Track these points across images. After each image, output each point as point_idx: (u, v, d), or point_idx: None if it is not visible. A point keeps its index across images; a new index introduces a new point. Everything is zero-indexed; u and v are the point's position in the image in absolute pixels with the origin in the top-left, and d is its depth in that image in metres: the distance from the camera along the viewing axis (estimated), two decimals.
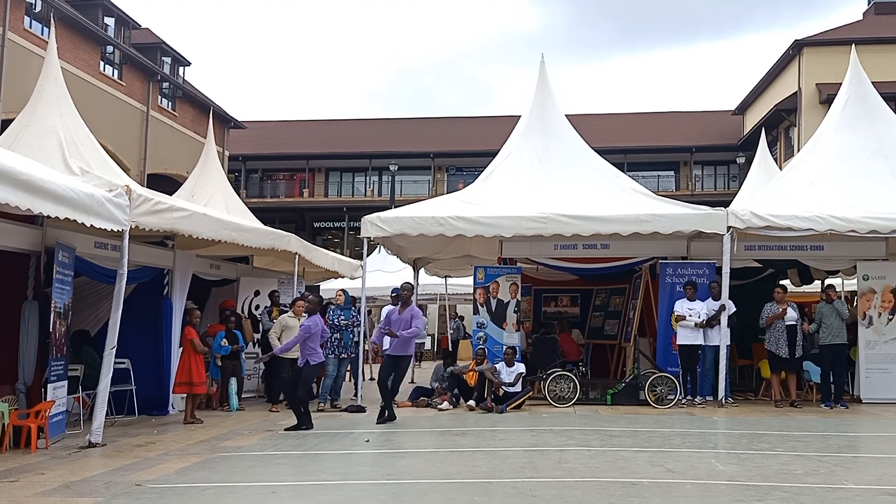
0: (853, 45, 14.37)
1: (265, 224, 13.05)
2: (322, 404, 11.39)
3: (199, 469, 6.95)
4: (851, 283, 14.21)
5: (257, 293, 12.84)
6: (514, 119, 14.50)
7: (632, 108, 58.99)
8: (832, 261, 12.93)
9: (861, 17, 38.13)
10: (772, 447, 7.97)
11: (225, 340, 11.03)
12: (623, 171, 14.11)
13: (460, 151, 41.67)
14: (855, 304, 12.38)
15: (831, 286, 12.25)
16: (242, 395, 11.72)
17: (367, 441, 8.54)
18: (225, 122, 36.32)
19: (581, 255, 12.69)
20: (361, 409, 11.12)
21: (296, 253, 12.40)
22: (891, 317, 11.87)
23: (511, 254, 13.01)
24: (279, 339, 11.24)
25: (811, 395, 12.16)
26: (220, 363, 11.15)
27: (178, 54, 33.67)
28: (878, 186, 11.70)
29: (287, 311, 11.54)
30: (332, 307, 11.81)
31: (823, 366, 11.58)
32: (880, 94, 13.23)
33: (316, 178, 44.32)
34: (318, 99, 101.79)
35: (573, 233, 11.44)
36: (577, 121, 15.19)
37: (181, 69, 34.55)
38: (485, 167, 13.63)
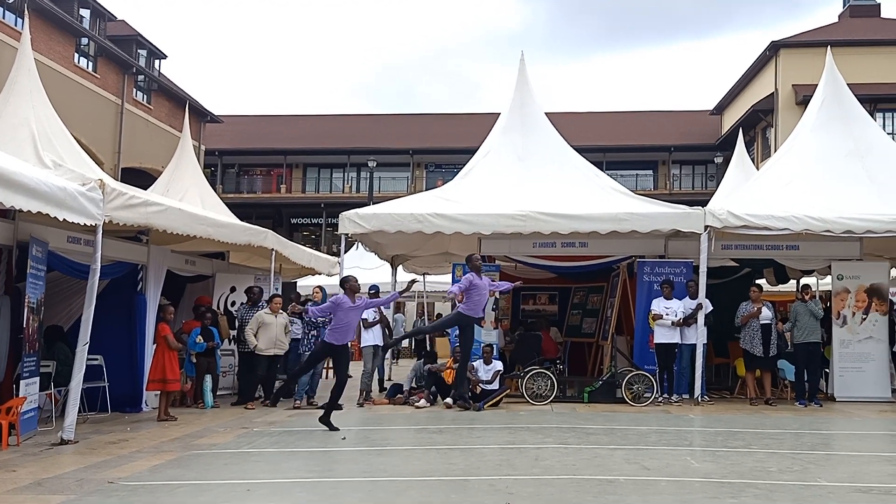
0: (829, 47, 14.53)
1: (242, 220, 12.91)
2: (298, 401, 11.30)
3: (173, 467, 6.86)
4: (826, 283, 14.37)
5: (233, 289, 12.73)
6: (495, 116, 14.48)
7: (612, 107, 59.45)
8: (807, 260, 13.07)
9: (837, 20, 38.63)
10: (747, 445, 8.03)
11: (200, 337, 10.91)
12: (602, 170, 14.17)
13: (440, 148, 41.63)
14: (828, 304, 12.52)
15: (807, 286, 12.39)
16: (217, 393, 11.60)
17: (344, 438, 8.49)
18: (201, 116, 35.96)
19: (559, 254, 12.71)
20: (338, 407, 11.03)
21: (272, 249, 12.30)
22: (864, 316, 12.03)
23: (490, 251, 12.98)
24: (255, 336, 11.18)
25: (786, 394, 12.29)
26: (194, 360, 11.03)
27: (154, 47, 33.29)
28: (853, 187, 11.84)
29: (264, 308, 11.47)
30: (309, 304, 11.73)
31: (798, 364, 11.70)
32: (855, 95, 13.39)
33: (293, 174, 44.08)
34: (298, 94, 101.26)
35: (552, 231, 11.46)
36: (556, 119, 15.21)
37: (157, 62, 34.16)
38: (464, 164, 13.61)
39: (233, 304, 12.57)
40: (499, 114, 14.17)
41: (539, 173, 12.64)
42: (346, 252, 12.62)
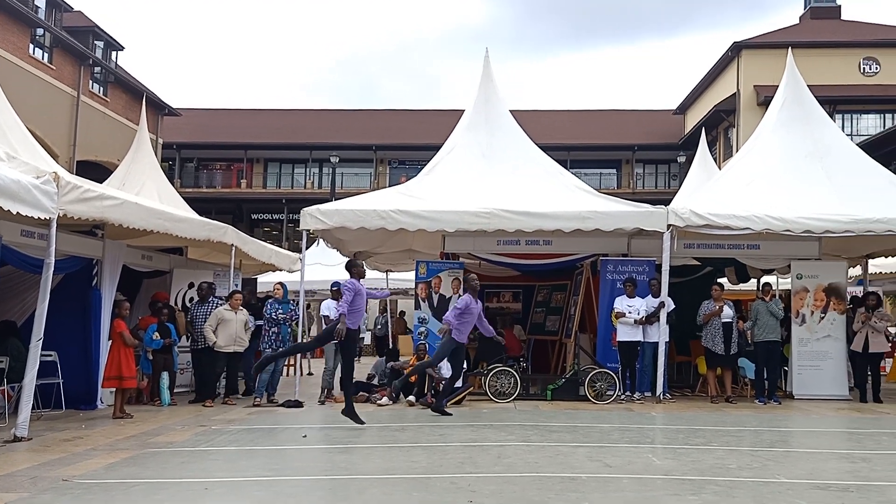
0: (790, 49, 14.76)
1: (201, 215, 12.66)
2: (258, 399, 11.13)
3: (129, 465, 6.70)
4: (786, 282, 14.59)
5: (191, 285, 12.48)
6: (459, 113, 14.41)
7: (576, 106, 59.85)
8: (768, 259, 13.25)
9: (798, 21, 39.38)
10: (707, 442, 8.08)
11: (157, 334, 10.69)
12: (566, 168, 14.19)
13: (403, 144, 41.49)
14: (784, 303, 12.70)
15: (767, 285, 12.55)
16: (175, 390, 11.37)
17: (305, 436, 8.37)
18: (159, 108, 35.32)
19: (524, 251, 12.71)
20: (299, 405, 10.91)
21: (232, 245, 12.07)
22: (822, 315, 12.23)
23: (454, 249, 12.94)
24: (215, 333, 10.97)
25: (746, 391, 12.44)
26: (151, 357, 10.80)
27: (111, 38, 32.60)
28: (812, 187, 12.01)
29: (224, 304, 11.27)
30: (270, 301, 11.56)
31: (757, 362, 11.85)
32: (815, 97, 13.56)
33: (254, 169, 43.53)
34: (258, 88, 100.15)
35: (516, 228, 11.43)
36: (521, 116, 15.21)
37: (114, 54, 33.46)
38: (428, 161, 13.51)
39: (191, 300, 12.32)
40: (463, 110, 14.10)
41: (503, 171, 12.61)
42: (307, 248, 12.43)
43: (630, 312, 11.65)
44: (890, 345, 14.24)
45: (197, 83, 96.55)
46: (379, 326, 21.16)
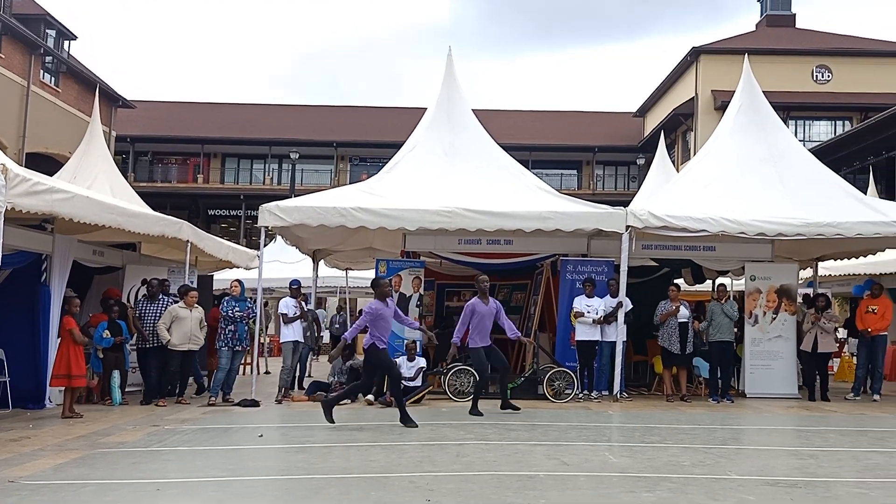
0: (746, 55, 15.02)
1: (155, 210, 12.39)
2: (213, 398, 10.95)
3: (78, 465, 6.53)
4: (740, 283, 14.86)
5: (145, 282, 12.21)
6: (422, 111, 14.37)
7: (539, 106, 60.27)
8: (723, 261, 13.47)
9: (754, 28, 40.20)
10: (662, 440, 8.19)
11: (107, 332, 10.42)
12: (528, 169, 14.24)
13: (365, 142, 41.29)
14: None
15: (722, 286, 12.76)
16: (126, 389, 11.12)
17: (261, 436, 8.25)
18: (112, 100, 34.58)
19: (485, 251, 12.72)
20: (255, 404, 10.76)
21: (187, 241, 11.83)
22: (774, 316, 12.49)
23: (414, 247, 12.90)
24: (168, 331, 10.76)
25: (700, 390, 12.63)
26: (101, 355, 10.54)
27: (64, 27, 31.80)
28: (766, 191, 12.23)
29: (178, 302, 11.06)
30: (227, 298, 11.37)
31: (711, 362, 12.05)
32: (770, 102, 13.81)
33: (211, 164, 42.90)
34: (216, 80, 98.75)
35: (477, 228, 11.42)
36: (483, 116, 15.21)
37: (66, 43, 32.65)
38: (390, 158, 13.43)
39: (144, 296, 12.04)
40: (426, 108, 14.06)
41: (465, 170, 12.59)
42: (265, 245, 12.26)
43: (589, 312, 11.74)
44: (837, 345, 14.64)
45: (153, 75, 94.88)
46: (337, 325, 20.93)
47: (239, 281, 11.64)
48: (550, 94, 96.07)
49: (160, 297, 11.26)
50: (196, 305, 11.07)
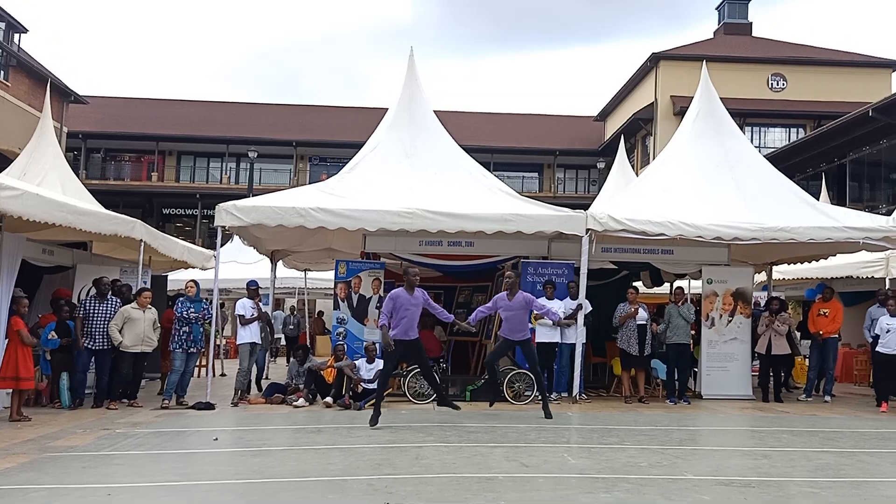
0: (704, 62, 15.23)
1: (108, 208, 12.07)
2: (167, 401, 10.72)
3: (26, 470, 6.33)
4: (697, 286, 15.06)
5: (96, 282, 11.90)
6: (383, 111, 14.27)
7: (501, 109, 60.50)
8: (681, 264, 13.64)
9: (713, 36, 40.93)
10: (620, 441, 8.24)
11: (53, 333, 10.11)
12: (489, 171, 14.24)
13: (325, 141, 40.98)
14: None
15: (680, 289, 12.91)
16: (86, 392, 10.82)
17: (216, 439, 8.09)
18: (64, 95, 33.72)
19: (446, 252, 12.68)
20: (210, 406, 10.56)
21: (141, 240, 11.53)
22: (730, 318, 12.69)
23: (374, 248, 12.80)
24: (120, 332, 10.50)
25: (658, 392, 12.76)
26: (49, 357, 10.23)
27: (14, 20, 30.93)
28: (723, 196, 12.40)
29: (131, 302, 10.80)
30: (181, 299, 11.14)
31: (669, 364, 12.19)
32: (727, 109, 14.03)
33: (167, 162, 42.12)
34: (172, 77, 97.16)
35: (438, 229, 11.38)
36: (445, 117, 15.18)
37: (16, 36, 31.77)
38: (350, 159, 13.31)
39: (93, 297, 11.69)
40: (387, 109, 13.97)
41: (426, 171, 12.54)
42: (222, 245, 12.03)
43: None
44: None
45: (107, 70, 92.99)
46: (290, 327, 20.60)
47: (195, 281, 11.42)
48: (512, 96, 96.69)
49: (109, 297, 10.87)
50: (149, 306, 10.82)
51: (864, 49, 64.21)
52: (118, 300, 10.96)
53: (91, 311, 10.60)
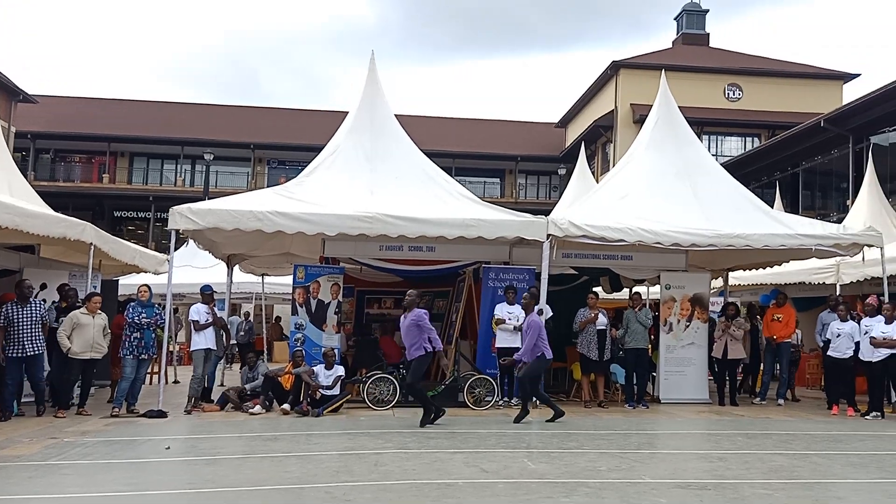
0: (663, 71, 15.43)
1: (57, 210, 11.71)
2: (117, 409, 10.42)
3: None
4: (656, 292, 15.20)
5: (44, 286, 11.51)
6: (343, 115, 14.13)
7: (463, 114, 60.65)
8: (640, 270, 13.75)
9: (671, 46, 41.62)
10: (580, 445, 8.26)
11: None
12: (451, 176, 14.19)
13: (284, 144, 40.58)
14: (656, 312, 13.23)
15: (637, 294, 13.00)
16: (23, 399, 10.46)
17: (168, 448, 7.87)
18: (12, 94, 32.80)
19: (406, 257, 12.58)
20: (162, 414, 10.28)
21: (91, 243, 11.19)
22: (688, 323, 12.83)
23: (334, 253, 12.65)
24: (69, 338, 10.18)
25: (617, 396, 12.83)
26: None
27: None
28: (681, 203, 12.53)
29: (80, 308, 10.46)
30: (132, 304, 10.84)
31: (627, 368, 12.27)
32: (685, 117, 14.22)
33: (118, 163, 41.25)
34: (125, 76, 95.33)
35: (399, 234, 11.27)
36: (407, 122, 15.10)
37: None
38: (309, 162, 13.14)
39: (43, 301, 11.32)
40: (347, 112, 13.84)
41: (387, 175, 12.43)
42: (176, 250, 11.74)
43: (510, 319, 11.77)
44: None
45: (57, 69, 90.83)
46: (241, 333, 20.14)
47: (147, 286, 11.14)
48: (475, 102, 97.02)
49: (32, 300, 10.23)
50: (99, 312, 10.51)
51: (817, 62, 65.94)
52: (44, 302, 10.54)
53: (14, 317, 9.95)
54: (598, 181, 21.28)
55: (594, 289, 13.90)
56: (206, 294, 11.33)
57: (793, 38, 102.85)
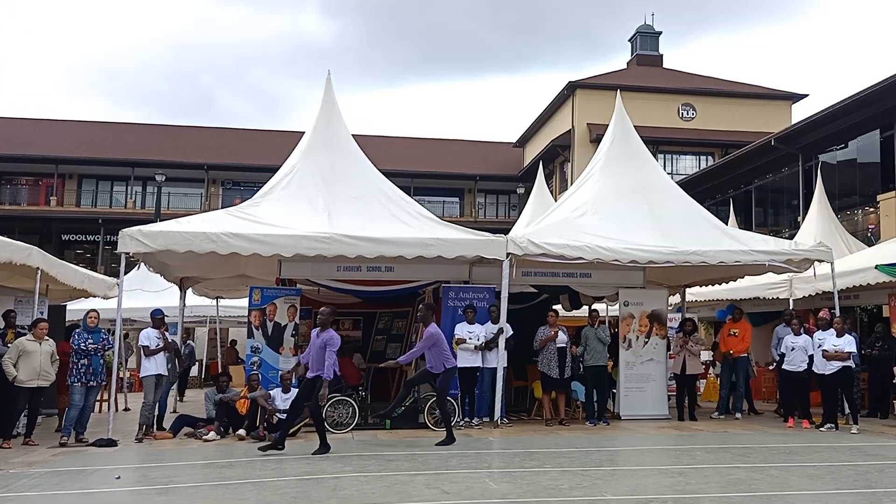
0: (618, 91, 15.62)
1: (2, 234, 11.31)
2: (65, 437, 10.04)
3: None
4: (615, 309, 15.27)
5: None
6: (299, 135, 13.97)
7: (421, 134, 60.81)
8: (598, 287, 13.80)
9: (626, 66, 42.37)
10: (541, 464, 8.19)
11: None
12: (410, 195, 14.13)
13: (239, 165, 40.12)
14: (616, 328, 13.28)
15: (595, 311, 13.05)
16: None
17: (118, 478, 7.58)
18: None
19: (365, 278, 12.43)
20: (112, 443, 9.94)
21: (37, 268, 10.82)
22: (647, 340, 12.90)
23: (290, 274, 12.45)
24: (15, 366, 9.80)
25: (578, 414, 12.81)
26: None
27: None
28: (638, 221, 12.63)
29: (26, 334, 10.09)
30: (77, 330, 10.49)
31: (587, 386, 12.26)
32: (640, 136, 14.40)
33: (67, 185, 40.33)
34: (72, 97, 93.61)
35: (357, 254, 11.14)
36: (364, 141, 15.02)
37: None
38: (265, 183, 12.95)
39: None
40: (303, 132, 13.70)
41: (344, 195, 12.29)
42: (126, 273, 11.42)
43: (470, 338, 11.69)
44: (703, 366, 15.31)
45: (1, 89, 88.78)
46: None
47: (97, 311, 10.81)
48: (433, 123, 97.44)
49: None
50: (47, 338, 10.15)
51: (767, 82, 67.73)
52: None
53: None
54: (556, 199, 21.40)
55: (554, 307, 13.91)
56: (157, 318, 11.04)
57: (743, 61, 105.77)
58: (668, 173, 23.20)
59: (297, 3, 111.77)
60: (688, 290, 15.98)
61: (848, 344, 11.28)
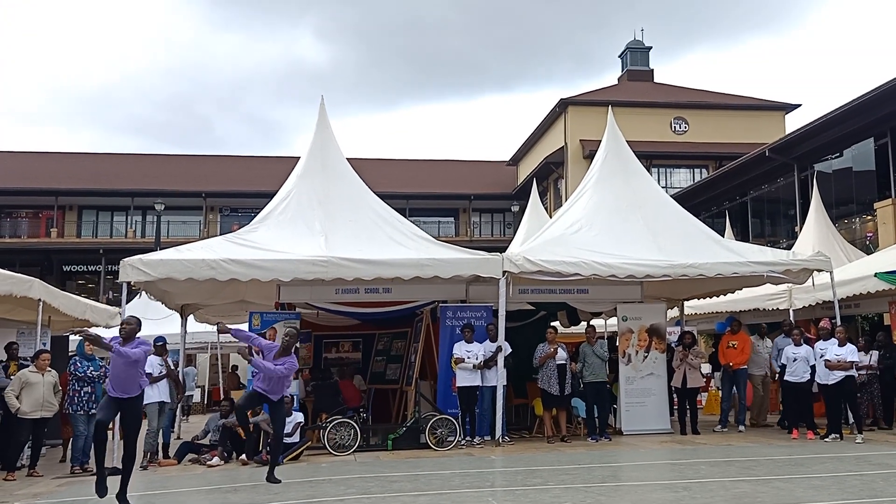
0: (610, 107, 15.76)
1: (3, 267, 11.38)
2: (76, 467, 10.04)
3: None
4: (613, 324, 15.31)
5: None
6: (295, 160, 14.09)
7: (415, 155, 61.14)
8: (596, 303, 13.84)
9: (617, 82, 42.64)
10: (544, 482, 8.20)
11: None
12: (405, 216, 14.22)
13: (236, 191, 40.29)
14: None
15: (592, 328, 13.08)
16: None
17: None
18: None
19: (363, 300, 12.50)
20: (117, 472, 9.90)
21: (39, 299, 10.89)
22: (646, 354, 12.92)
23: (289, 298, 12.51)
24: (18, 398, 9.84)
25: (580, 430, 12.81)
26: None
27: None
28: (634, 235, 12.71)
29: (28, 366, 10.13)
30: (76, 358, 10.53)
31: (588, 402, 12.27)
32: (633, 151, 14.51)
33: (67, 217, 40.47)
34: (71, 128, 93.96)
35: (354, 277, 11.22)
36: (359, 165, 15.13)
37: None
38: (262, 208, 13.04)
39: None
40: (299, 157, 13.82)
41: (341, 218, 12.39)
42: (128, 302, 11.48)
43: (469, 358, 11.73)
44: (704, 380, 15.30)
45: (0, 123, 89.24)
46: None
47: None
48: (428, 144, 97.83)
49: None
50: (49, 369, 10.19)
51: (759, 93, 68.17)
52: None
53: None
54: (551, 216, 21.49)
55: (552, 323, 13.95)
56: (159, 345, 11.09)
57: (734, 73, 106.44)
58: (663, 187, 23.28)
59: (291, 28, 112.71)
60: (686, 303, 16.02)
61: (850, 353, 11.29)
